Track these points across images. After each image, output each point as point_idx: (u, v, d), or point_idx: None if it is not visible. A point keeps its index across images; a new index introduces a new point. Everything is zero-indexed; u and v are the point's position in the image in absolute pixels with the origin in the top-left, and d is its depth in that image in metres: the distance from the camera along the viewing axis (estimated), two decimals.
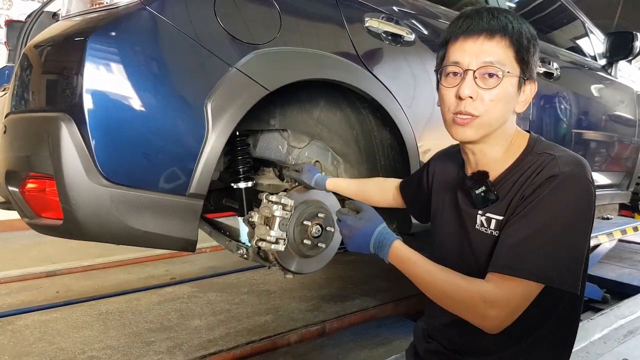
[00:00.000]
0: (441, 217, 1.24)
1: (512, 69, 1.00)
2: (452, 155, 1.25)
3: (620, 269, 3.79)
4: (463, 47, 1.02)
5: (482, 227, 1.08)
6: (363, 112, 1.82)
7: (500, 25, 1.00)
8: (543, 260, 0.94)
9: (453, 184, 1.21)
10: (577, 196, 0.96)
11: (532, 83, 1.06)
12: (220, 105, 1.31)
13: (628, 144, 3.31)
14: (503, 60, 0.99)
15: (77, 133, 1.16)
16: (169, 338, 2.42)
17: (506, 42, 1.00)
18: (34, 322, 2.60)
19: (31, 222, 1.37)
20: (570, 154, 1.02)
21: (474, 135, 1.04)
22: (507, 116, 1.05)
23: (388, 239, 1.08)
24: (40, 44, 1.33)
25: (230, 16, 1.38)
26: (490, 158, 1.09)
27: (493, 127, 1.03)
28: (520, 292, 0.95)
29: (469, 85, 1.00)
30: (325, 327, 2.58)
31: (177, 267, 3.75)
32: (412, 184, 1.44)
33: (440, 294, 1.01)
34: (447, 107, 1.06)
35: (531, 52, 1.02)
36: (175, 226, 1.31)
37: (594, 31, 3.23)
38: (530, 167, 1.03)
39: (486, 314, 0.95)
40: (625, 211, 3.88)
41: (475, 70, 1.00)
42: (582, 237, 0.98)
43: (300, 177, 1.62)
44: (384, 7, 1.80)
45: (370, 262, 3.94)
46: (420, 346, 1.32)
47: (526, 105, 1.07)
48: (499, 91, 1.00)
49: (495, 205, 1.06)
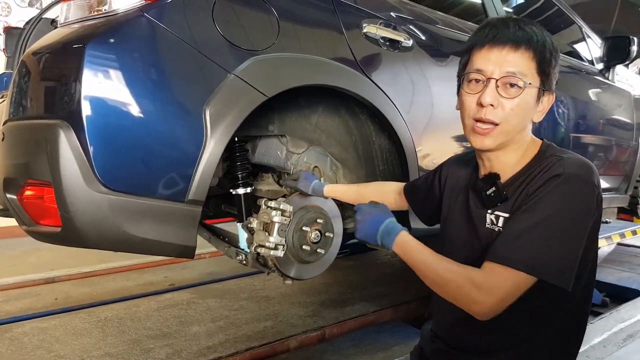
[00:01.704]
0: (452, 219, 1.26)
1: (533, 80, 1.03)
2: (466, 161, 1.28)
3: (619, 273, 3.79)
4: (488, 55, 1.04)
5: (492, 224, 1.10)
6: (361, 117, 1.82)
7: (526, 37, 1.02)
8: (536, 253, 0.96)
9: (465, 186, 1.23)
10: (578, 196, 0.98)
11: (550, 94, 1.08)
12: (218, 111, 1.31)
13: (626, 148, 3.32)
14: (525, 71, 1.02)
15: (75, 140, 1.16)
16: (168, 345, 2.40)
17: (530, 54, 1.02)
18: (32, 330, 2.59)
19: (29, 229, 1.37)
20: (578, 157, 1.04)
21: (492, 144, 1.06)
22: (525, 125, 1.07)
23: (396, 228, 1.13)
24: (39, 51, 1.34)
25: (229, 23, 1.38)
26: (504, 164, 1.11)
27: (510, 135, 1.05)
28: (510, 282, 0.96)
29: (490, 94, 1.02)
30: (325, 333, 2.57)
31: (176, 273, 3.74)
32: (420, 188, 1.45)
33: (436, 278, 1.04)
34: (467, 113, 1.08)
35: (552, 64, 1.05)
36: (174, 233, 1.30)
37: (591, 36, 3.24)
38: (537, 168, 1.05)
39: (474, 297, 0.97)
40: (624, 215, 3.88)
41: (498, 79, 1.02)
42: (579, 236, 0.99)
43: (297, 186, 1.61)
44: (381, 13, 1.81)
45: (370, 267, 3.94)
46: (427, 347, 1.33)
47: (543, 115, 1.09)
48: (519, 101, 1.02)
49: (504, 205, 1.08)
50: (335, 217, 1.65)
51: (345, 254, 4.08)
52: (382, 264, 4.02)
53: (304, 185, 1.60)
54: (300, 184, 1.61)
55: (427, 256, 1.07)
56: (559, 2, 3.03)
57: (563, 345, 1.12)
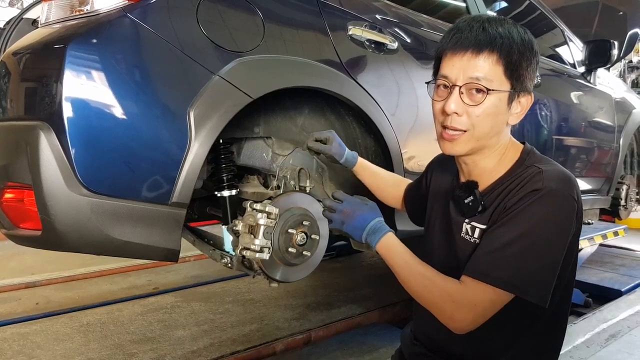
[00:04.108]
0: (433, 223, 1.25)
1: (500, 84, 0.99)
2: (448, 163, 1.25)
3: (601, 273, 3.85)
4: (452, 61, 1.01)
5: (467, 235, 1.09)
6: (347, 119, 1.83)
7: (488, 40, 0.98)
8: (514, 270, 0.95)
9: (446, 192, 1.22)
10: (557, 211, 0.96)
11: (526, 95, 1.04)
12: (203, 113, 1.30)
13: (607, 150, 3.37)
14: (490, 76, 0.98)
15: (56, 142, 1.14)
16: (152, 349, 2.37)
17: (494, 58, 0.98)
18: (12, 335, 2.54)
19: (9, 233, 1.35)
20: (558, 170, 1.02)
21: (461, 149, 1.04)
22: (498, 129, 1.04)
23: (383, 228, 1.12)
24: (19, 51, 1.31)
25: (213, 24, 1.37)
26: (482, 168, 1.09)
27: (482, 140, 1.03)
28: (488, 298, 0.96)
29: (454, 101, 1.00)
30: (311, 336, 2.56)
31: (160, 277, 3.70)
32: (414, 188, 1.46)
33: (416, 286, 1.04)
34: (436, 119, 1.07)
35: (523, 65, 1.00)
36: (158, 236, 1.29)
37: (573, 39, 3.29)
38: (516, 179, 1.03)
39: (453, 315, 0.98)
40: (606, 216, 3.94)
41: (462, 86, 0.99)
42: (558, 251, 0.98)
43: (329, 151, 1.51)
44: (367, 16, 1.81)
45: (356, 269, 3.94)
46: (406, 350, 1.33)
47: (520, 117, 1.06)
48: (486, 107, 0.99)
49: (481, 215, 1.06)
50: (321, 220, 1.64)
51: (331, 256, 4.09)
52: (368, 266, 4.02)
53: (337, 152, 1.51)
54: (333, 150, 1.51)
55: (409, 261, 1.06)
56: (542, 6, 3.07)
57: (544, 346, 1.12)
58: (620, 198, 3.66)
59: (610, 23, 4.00)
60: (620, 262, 4.22)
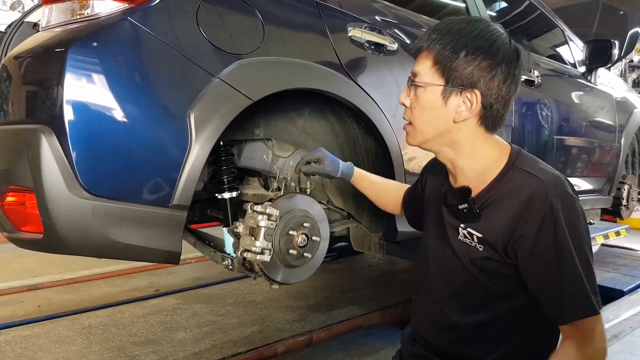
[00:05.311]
0: (428, 226, 1.26)
1: (431, 79, 1.04)
2: (440, 166, 1.24)
3: (603, 273, 3.83)
4: None
5: (466, 238, 1.10)
6: (347, 120, 1.83)
7: (426, 38, 1.06)
8: (589, 290, 0.98)
9: (438, 195, 1.23)
10: (578, 220, 1.00)
11: (469, 91, 1.02)
12: (203, 115, 1.30)
13: (609, 150, 3.36)
14: (423, 71, 1.06)
15: (57, 145, 1.14)
16: (153, 352, 2.38)
17: (429, 53, 1.05)
18: (14, 338, 2.54)
19: (11, 236, 1.35)
20: (552, 175, 1.02)
21: (412, 141, 1.13)
22: (443, 127, 1.06)
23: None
24: (20, 55, 1.32)
25: (213, 26, 1.37)
26: (460, 168, 1.10)
27: (427, 134, 1.08)
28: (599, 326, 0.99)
29: (402, 93, 1.11)
30: (313, 337, 2.56)
31: (162, 279, 3.70)
32: (411, 193, 1.46)
33: None
34: None
35: (454, 59, 1.00)
36: (159, 238, 1.29)
37: (573, 39, 3.28)
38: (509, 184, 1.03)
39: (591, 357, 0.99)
40: (607, 216, 3.93)
41: (409, 81, 1.10)
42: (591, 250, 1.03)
43: (324, 171, 1.50)
44: (366, 17, 1.81)
45: (357, 271, 3.94)
46: (406, 351, 1.32)
47: (468, 115, 1.04)
48: (420, 100, 1.06)
49: (477, 222, 1.06)
50: (321, 221, 1.64)
51: (332, 258, 4.08)
52: (369, 268, 4.02)
53: (332, 169, 1.50)
54: (326, 169, 1.49)
55: None
56: (542, 6, 3.06)
57: (541, 343, 1.12)
58: (621, 198, 3.65)
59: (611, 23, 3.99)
60: (622, 262, 4.21)
